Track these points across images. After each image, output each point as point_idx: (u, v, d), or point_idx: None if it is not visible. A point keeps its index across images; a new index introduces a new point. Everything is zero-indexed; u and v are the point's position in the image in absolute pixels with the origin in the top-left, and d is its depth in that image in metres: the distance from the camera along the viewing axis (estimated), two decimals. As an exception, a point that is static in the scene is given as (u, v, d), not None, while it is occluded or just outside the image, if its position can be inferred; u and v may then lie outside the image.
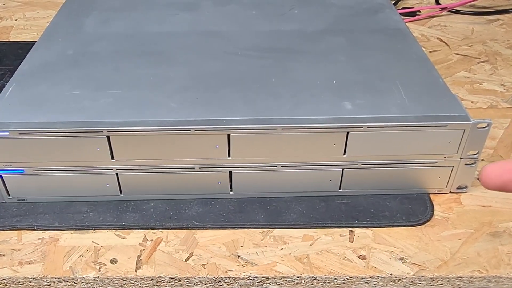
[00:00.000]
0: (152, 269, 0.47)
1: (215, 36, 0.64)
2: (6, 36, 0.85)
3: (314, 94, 0.53)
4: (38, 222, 0.51)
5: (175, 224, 0.51)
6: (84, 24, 0.67)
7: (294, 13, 0.70)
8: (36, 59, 0.59)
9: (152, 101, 0.52)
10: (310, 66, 0.58)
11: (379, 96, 0.53)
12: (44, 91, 0.53)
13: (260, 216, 0.52)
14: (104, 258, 0.48)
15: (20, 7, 0.95)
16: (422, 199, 0.54)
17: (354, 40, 0.63)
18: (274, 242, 0.50)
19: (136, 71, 0.57)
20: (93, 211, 0.52)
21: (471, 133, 0.50)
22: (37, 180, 0.51)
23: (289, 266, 0.47)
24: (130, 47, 0.61)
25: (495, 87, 0.72)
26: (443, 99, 0.52)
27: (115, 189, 0.52)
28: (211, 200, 0.54)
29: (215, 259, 0.48)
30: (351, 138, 0.50)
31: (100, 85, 0.54)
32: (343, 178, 0.53)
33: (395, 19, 0.68)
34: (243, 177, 0.52)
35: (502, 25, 0.89)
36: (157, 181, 0.52)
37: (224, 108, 0.51)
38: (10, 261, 0.47)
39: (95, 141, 0.49)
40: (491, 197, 0.55)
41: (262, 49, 0.61)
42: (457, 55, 0.80)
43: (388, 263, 0.48)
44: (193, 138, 0.49)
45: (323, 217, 0.52)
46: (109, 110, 0.50)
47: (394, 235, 0.51)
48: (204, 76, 0.56)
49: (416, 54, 0.61)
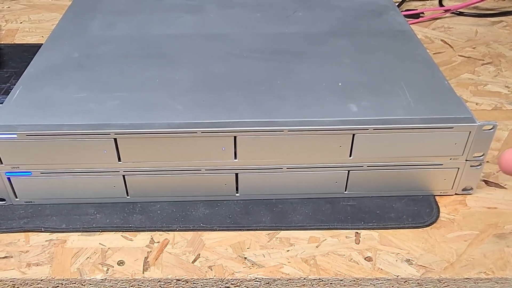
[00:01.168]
0: (159, 270, 0.47)
1: (220, 39, 0.64)
2: (12, 39, 0.85)
3: (319, 96, 0.53)
4: (46, 224, 0.51)
5: (182, 226, 0.51)
6: (89, 27, 0.67)
7: (298, 16, 0.70)
8: (43, 62, 0.59)
9: (158, 103, 0.52)
10: (315, 68, 0.58)
11: (384, 98, 0.53)
12: (51, 94, 0.53)
13: (267, 218, 0.52)
14: (111, 260, 0.48)
15: (25, 10, 0.95)
16: (427, 201, 0.54)
17: (359, 42, 0.63)
18: (281, 244, 0.50)
19: (141, 74, 0.57)
20: (100, 213, 0.52)
21: (476, 135, 0.50)
22: (45, 182, 0.52)
23: (295, 268, 0.48)
24: (136, 49, 0.62)
25: (499, 89, 0.72)
26: (449, 101, 0.52)
27: (122, 191, 0.53)
28: (217, 202, 0.54)
29: (222, 261, 0.48)
30: (357, 140, 0.50)
31: (106, 88, 0.54)
32: (349, 180, 0.53)
33: (399, 21, 0.69)
34: (249, 179, 0.53)
35: (505, 26, 0.89)
36: (164, 183, 0.52)
37: (230, 110, 0.51)
38: (18, 263, 0.48)
39: (102, 143, 0.49)
40: (496, 198, 0.55)
41: (267, 51, 0.61)
42: (461, 57, 0.80)
43: (394, 265, 0.48)
44: (199, 140, 0.49)
45: (329, 219, 0.52)
46: (115, 113, 0.50)
47: (400, 237, 0.51)
48: (210, 78, 0.56)
49: (421, 56, 0.61)
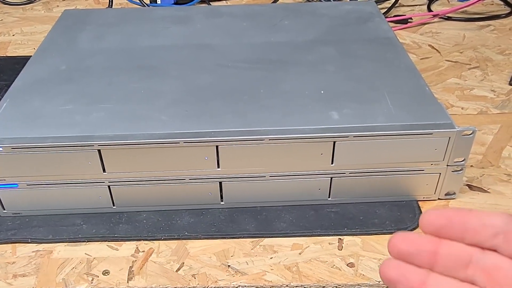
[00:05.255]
0: (144, 279, 0.48)
1: (207, 49, 0.65)
2: (4, 51, 0.86)
3: (302, 105, 0.54)
4: (33, 235, 0.52)
5: (167, 235, 0.52)
6: (78, 39, 0.68)
7: (285, 24, 0.71)
8: (30, 74, 0.60)
9: (143, 114, 0.53)
10: (299, 76, 0.59)
11: (366, 106, 0.53)
12: (38, 107, 0.54)
13: (251, 226, 0.53)
14: (96, 270, 0.49)
15: (18, 22, 0.96)
16: (411, 206, 0.55)
17: (344, 50, 0.64)
18: (264, 251, 0.51)
19: (128, 85, 0.58)
20: (86, 224, 0.53)
21: (456, 141, 0.51)
22: (31, 194, 0.52)
23: (278, 275, 0.48)
24: (123, 61, 0.63)
25: (485, 93, 0.73)
26: (429, 107, 0.53)
27: (107, 201, 0.53)
28: (202, 210, 0.55)
29: (206, 269, 0.49)
30: (338, 147, 0.51)
31: (92, 100, 0.55)
32: (332, 187, 0.54)
33: (384, 29, 0.69)
34: (233, 188, 0.53)
35: (493, 30, 0.90)
36: (149, 193, 0.53)
37: (213, 120, 0.52)
38: (5, 274, 0.48)
39: (87, 155, 0.50)
40: (479, 203, 0.55)
41: (253, 61, 0.62)
42: (448, 62, 0.80)
43: (376, 271, 0.48)
44: (182, 150, 0.50)
45: (312, 226, 0.53)
46: (100, 124, 0.51)
47: (383, 242, 0.51)
48: (195, 89, 0.57)
49: (404, 63, 0.61)
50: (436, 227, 0.27)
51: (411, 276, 0.27)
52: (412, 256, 0.27)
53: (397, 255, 0.27)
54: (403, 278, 0.27)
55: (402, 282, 0.27)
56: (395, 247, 0.27)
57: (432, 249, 0.27)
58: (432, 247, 0.27)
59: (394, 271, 0.27)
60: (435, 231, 0.27)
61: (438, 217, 0.27)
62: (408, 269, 0.27)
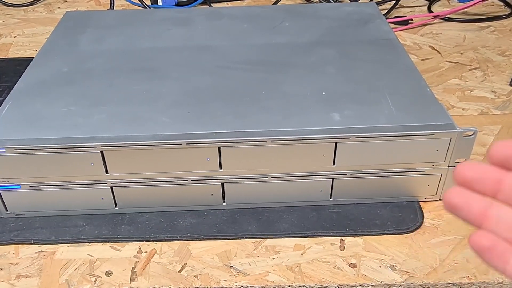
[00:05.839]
0: (146, 280, 0.48)
1: (208, 51, 0.65)
2: (6, 53, 0.86)
3: (303, 106, 0.54)
4: (35, 236, 0.52)
5: (169, 236, 0.52)
6: (79, 41, 0.68)
7: (285, 26, 0.71)
8: (32, 77, 0.60)
9: (144, 116, 0.53)
10: (300, 78, 0.59)
11: (367, 107, 0.54)
12: (40, 109, 0.54)
13: (253, 227, 0.53)
14: (99, 271, 0.49)
15: (19, 24, 0.96)
16: (412, 207, 0.55)
17: (344, 51, 0.64)
18: (266, 252, 0.51)
19: (129, 87, 0.58)
20: (89, 225, 0.53)
21: (457, 141, 0.51)
22: (34, 195, 0.53)
23: (280, 276, 0.48)
24: (124, 63, 0.63)
25: (486, 94, 0.73)
26: (430, 108, 0.53)
27: (110, 202, 0.54)
28: (204, 211, 0.55)
29: (208, 270, 0.49)
30: (340, 148, 0.51)
31: (94, 102, 0.55)
32: (334, 188, 0.54)
33: (385, 30, 0.70)
34: (235, 189, 0.54)
35: (493, 31, 0.90)
36: (151, 194, 0.53)
37: (215, 122, 0.52)
38: (8, 275, 0.49)
39: (89, 156, 0.50)
40: (480, 203, 0.55)
41: (254, 63, 0.62)
42: (449, 63, 0.81)
43: (378, 271, 0.49)
44: (184, 152, 0.50)
45: (314, 226, 0.53)
46: (102, 126, 0.51)
47: (385, 243, 0.51)
48: (196, 90, 0.57)
49: (405, 64, 0.62)
50: (505, 157, 0.27)
51: (473, 203, 0.27)
52: (476, 182, 0.27)
53: (462, 182, 0.27)
54: (466, 205, 0.27)
55: (464, 208, 0.27)
56: (461, 174, 0.27)
57: (497, 177, 0.27)
58: (497, 175, 0.27)
59: (458, 198, 0.27)
60: (502, 161, 0.27)
61: (507, 147, 0.27)
62: (471, 197, 0.27)
